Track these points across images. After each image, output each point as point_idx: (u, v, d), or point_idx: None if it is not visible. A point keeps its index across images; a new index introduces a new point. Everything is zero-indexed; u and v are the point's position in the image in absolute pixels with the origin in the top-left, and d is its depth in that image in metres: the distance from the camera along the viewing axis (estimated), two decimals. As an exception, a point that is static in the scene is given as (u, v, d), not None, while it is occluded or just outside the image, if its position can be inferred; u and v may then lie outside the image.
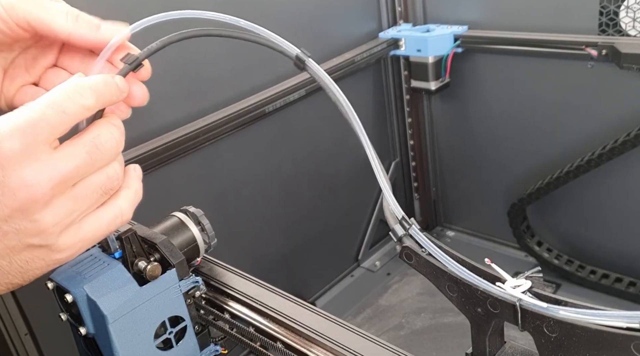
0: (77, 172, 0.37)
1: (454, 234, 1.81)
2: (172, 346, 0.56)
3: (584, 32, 1.28)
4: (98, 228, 0.40)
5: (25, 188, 0.35)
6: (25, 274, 0.38)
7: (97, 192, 0.39)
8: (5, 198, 0.35)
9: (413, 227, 0.44)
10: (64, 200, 0.37)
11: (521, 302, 0.38)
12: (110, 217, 0.40)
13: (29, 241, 0.37)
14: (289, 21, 1.33)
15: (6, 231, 0.36)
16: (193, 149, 1.18)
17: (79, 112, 0.37)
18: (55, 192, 0.36)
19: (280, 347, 0.53)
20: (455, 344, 1.38)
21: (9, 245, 0.36)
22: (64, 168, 0.36)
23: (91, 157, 0.38)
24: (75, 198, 0.38)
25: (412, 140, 1.73)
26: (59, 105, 0.36)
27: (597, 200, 1.44)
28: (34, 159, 0.35)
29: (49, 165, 0.36)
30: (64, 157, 0.37)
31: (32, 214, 0.36)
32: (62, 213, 0.37)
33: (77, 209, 0.38)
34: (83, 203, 0.38)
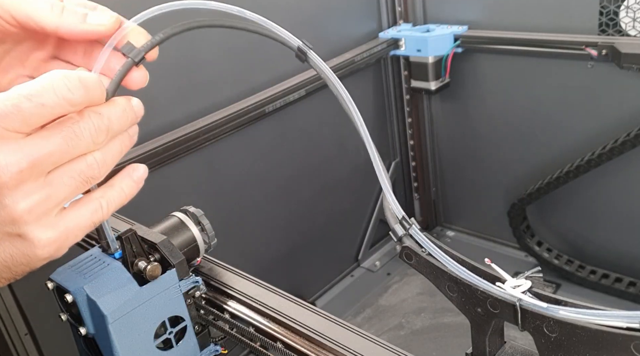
0: (51, 158, 0.36)
1: (454, 234, 1.81)
2: (172, 346, 0.56)
3: (584, 32, 1.28)
4: (77, 221, 0.38)
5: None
6: (13, 269, 0.37)
7: (75, 180, 0.37)
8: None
9: (413, 226, 0.44)
10: (36, 185, 0.36)
11: (521, 302, 0.38)
12: (90, 211, 0.39)
13: (5, 229, 0.36)
14: (288, 21, 1.33)
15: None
16: (193, 149, 1.18)
17: (61, 106, 0.36)
18: (24, 176, 0.35)
19: (280, 347, 0.53)
20: (455, 344, 1.38)
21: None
22: (36, 152, 0.35)
23: (67, 143, 0.36)
24: (49, 185, 0.36)
25: (412, 140, 1.73)
26: (38, 97, 0.35)
27: (597, 200, 1.44)
28: (2, 144, 0.34)
29: (18, 149, 0.35)
30: (37, 142, 0.35)
31: (2, 199, 0.35)
32: (36, 200, 0.36)
33: (53, 197, 0.36)
34: (59, 191, 0.37)
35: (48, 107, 0.35)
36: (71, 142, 0.36)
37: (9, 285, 0.94)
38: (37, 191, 0.36)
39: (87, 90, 0.37)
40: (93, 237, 0.73)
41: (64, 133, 0.36)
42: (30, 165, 0.35)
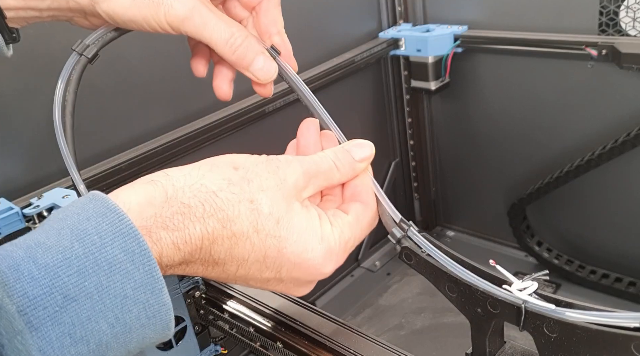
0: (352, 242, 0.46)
1: (454, 234, 1.81)
2: (172, 346, 0.56)
3: (584, 32, 1.28)
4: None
5: (318, 272, 0.44)
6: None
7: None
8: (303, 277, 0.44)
9: (411, 228, 0.44)
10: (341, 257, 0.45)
11: (527, 304, 0.38)
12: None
13: (306, 279, 0.45)
14: (288, 21, 1.33)
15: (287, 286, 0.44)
16: (193, 149, 1.18)
17: (348, 177, 0.47)
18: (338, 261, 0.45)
19: (280, 347, 0.53)
20: (455, 344, 1.38)
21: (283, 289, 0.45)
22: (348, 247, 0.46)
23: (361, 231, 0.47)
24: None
25: (412, 140, 1.72)
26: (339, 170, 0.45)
27: (597, 200, 1.44)
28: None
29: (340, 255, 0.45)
30: (345, 237, 0.45)
31: (316, 279, 0.46)
32: (338, 263, 0.45)
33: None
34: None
35: (342, 174, 0.46)
36: (358, 233, 0.48)
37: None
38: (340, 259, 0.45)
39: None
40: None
41: (360, 224, 0.48)
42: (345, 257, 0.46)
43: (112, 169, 1.02)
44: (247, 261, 0.40)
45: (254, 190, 0.40)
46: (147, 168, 1.09)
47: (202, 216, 0.38)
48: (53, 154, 0.96)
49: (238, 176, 0.40)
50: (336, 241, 0.43)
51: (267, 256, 0.40)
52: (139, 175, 1.19)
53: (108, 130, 1.06)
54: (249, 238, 0.39)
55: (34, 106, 0.95)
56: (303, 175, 0.43)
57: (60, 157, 0.48)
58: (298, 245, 0.41)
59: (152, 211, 0.37)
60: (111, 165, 1.03)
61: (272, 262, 0.41)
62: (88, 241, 0.33)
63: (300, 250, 0.41)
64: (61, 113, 0.47)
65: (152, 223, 0.36)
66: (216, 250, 0.39)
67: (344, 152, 0.46)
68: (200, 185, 0.39)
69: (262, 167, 0.42)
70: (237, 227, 0.39)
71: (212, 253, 0.39)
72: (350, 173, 0.45)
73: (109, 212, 0.34)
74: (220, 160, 0.43)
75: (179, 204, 0.37)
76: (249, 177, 0.41)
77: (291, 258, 0.41)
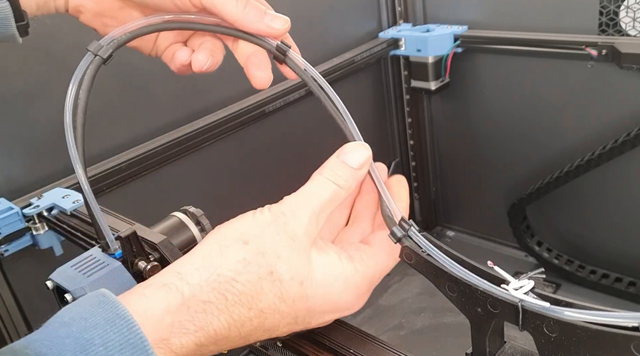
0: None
1: (454, 234, 1.81)
2: (172, 346, 0.56)
3: (584, 32, 1.28)
4: None
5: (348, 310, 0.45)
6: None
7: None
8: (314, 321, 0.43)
9: (412, 228, 0.44)
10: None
11: (523, 303, 0.38)
12: None
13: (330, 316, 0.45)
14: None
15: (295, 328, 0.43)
16: (193, 149, 1.18)
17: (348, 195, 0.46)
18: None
19: (280, 347, 0.53)
20: (455, 344, 1.38)
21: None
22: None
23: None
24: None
25: (412, 140, 1.72)
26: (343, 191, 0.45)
27: (597, 200, 1.44)
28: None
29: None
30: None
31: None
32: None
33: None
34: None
35: (346, 192, 0.46)
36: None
37: (8, 285, 0.94)
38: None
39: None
40: (93, 236, 0.74)
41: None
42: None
43: (112, 169, 1.02)
44: (278, 327, 0.40)
45: (271, 260, 0.38)
46: (146, 169, 1.09)
47: (226, 306, 0.36)
48: (53, 154, 0.96)
49: (252, 252, 0.39)
50: (362, 279, 0.43)
51: (298, 316, 0.40)
52: (139, 175, 1.19)
53: (108, 130, 1.06)
54: (277, 309, 0.39)
55: (34, 106, 0.95)
56: (309, 221, 0.41)
57: (60, 157, 0.48)
58: (325, 298, 0.41)
59: (170, 319, 0.35)
60: (111, 165, 1.03)
61: (302, 319, 0.41)
62: (92, 352, 0.31)
63: (328, 300, 0.41)
64: (72, 112, 0.47)
65: (170, 332, 0.34)
66: (245, 330, 0.38)
67: (341, 165, 0.45)
68: (217, 276, 0.37)
69: (272, 230, 0.40)
70: (263, 303, 0.38)
71: (241, 334, 0.38)
72: (353, 184, 0.44)
73: (118, 319, 0.32)
74: (227, 238, 0.40)
75: (199, 303, 0.36)
76: (262, 249, 0.39)
77: (321, 309, 0.42)
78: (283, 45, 0.51)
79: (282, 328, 0.41)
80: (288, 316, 0.39)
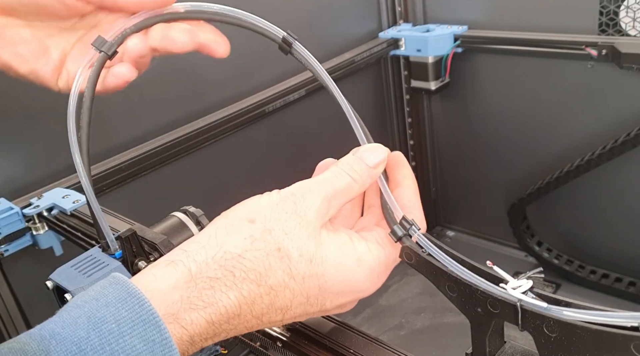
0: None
1: (454, 234, 1.81)
2: (172, 346, 0.56)
3: (584, 32, 1.28)
4: None
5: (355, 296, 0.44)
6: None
7: None
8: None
9: (413, 227, 0.44)
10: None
11: (522, 302, 0.38)
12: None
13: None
14: (288, 21, 1.33)
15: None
16: (193, 149, 1.18)
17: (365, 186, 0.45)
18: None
19: (280, 347, 0.53)
20: (455, 344, 1.37)
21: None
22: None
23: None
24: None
25: (412, 140, 1.73)
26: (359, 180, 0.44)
27: (597, 200, 1.44)
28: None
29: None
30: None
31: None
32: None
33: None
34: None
35: (360, 185, 0.45)
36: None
37: (8, 285, 0.94)
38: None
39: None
40: (93, 236, 0.74)
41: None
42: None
43: (112, 169, 1.02)
44: (291, 307, 0.40)
45: (278, 237, 0.39)
46: (146, 169, 1.09)
47: (234, 283, 0.36)
48: (53, 153, 0.96)
49: (258, 230, 0.39)
50: (375, 259, 0.43)
51: (310, 296, 0.40)
52: (139, 175, 1.19)
53: (108, 130, 1.06)
54: (287, 286, 0.38)
55: (34, 105, 0.95)
56: (322, 203, 0.41)
57: (61, 157, 0.48)
58: (338, 277, 0.40)
59: (178, 294, 0.35)
60: (111, 165, 1.03)
61: (315, 299, 0.40)
62: (105, 330, 0.31)
63: (341, 280, 0.41)
64: (75, 111, 0.47)
65: (179, 308, 0.35)
66: (257, 309, 0.38)
67: (357, 161, 0.44)
68: (224, 253, 0.37)
69: (279, 210, 0.40)
70: (272, 280, 0.38)
71: (253, 313, 0.38)
72: (368, 181, 0.44)
73: (129, 297, 0.33)
74: (234, 217, 0.41)
75: (206, 279, 0.36)
76: (269, 226, 0.39)
77: (334, 290, 0.41)
78: (289, 37, 0.50)
79: (295, 309, 0.40)
80: (299, 295, 0.39)
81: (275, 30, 0.51)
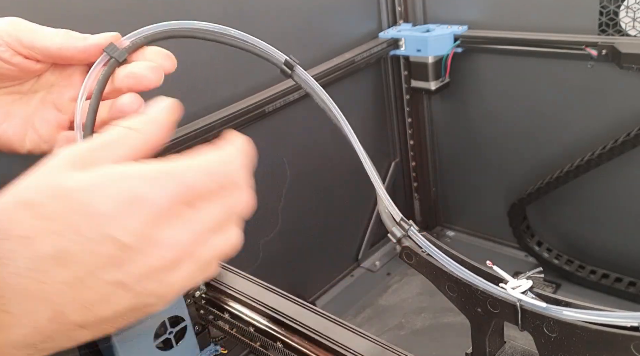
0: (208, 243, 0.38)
1: (454, 234, 1.81)
2: (172, 346, 0.56)
3: (584, 32, 1.28)
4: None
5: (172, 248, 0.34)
6: (132, 316, 0.34)
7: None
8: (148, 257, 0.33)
9: (412, 228, 0.44)
10: (191, 265, 0.36)
11: (521, 302, 0.38)
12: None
13: (147, 301, 0.34)
14: (288, 21, 1.33)
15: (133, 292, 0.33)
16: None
17: (227, 188, 0.40)
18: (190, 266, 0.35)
19: (280, 347, 0.53)
20: (455, 344, 1.38)
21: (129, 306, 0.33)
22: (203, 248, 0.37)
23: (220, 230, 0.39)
24: (201, 261, 0.37)
25: (412, 140, 1.73)
26: (215, 176, 0.38)
27: (597, 200, 1.44)
28: (174, 225, 0.34)
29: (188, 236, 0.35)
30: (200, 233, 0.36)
31: (162, 279, 0.34)
32: (189, 276, 0.36)
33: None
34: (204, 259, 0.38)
35: (218, 185, 0.39)
36: (224, 229, 0.40)
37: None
38: (190, 270, 0.36)
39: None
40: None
41: (223, 212, 0.39)
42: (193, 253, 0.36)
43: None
44: (73, 253, 0.31)
45: (13, 190, 0.34)
46: (147, 168, 1.09)
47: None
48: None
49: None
50: (121, 173, 0.34)
51: (75, 227, 0.31)
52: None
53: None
54: (41, 228, 0.31)
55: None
56: (74, 151, 0.35)
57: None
58: (81, 199, 0.32)
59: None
60: (111, 165, 1.02)
61: (89, 231, 0.31)
62: None
63: (85, 201, 0.32)
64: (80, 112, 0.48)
65: None
66: (25, 272, 0.30)
67: (136, 116, 0.40)
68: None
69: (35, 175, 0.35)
70: (18, 229, 0.31)
71: (32, 279, 0.30)
72: (151, 127, 0.40)
73: None
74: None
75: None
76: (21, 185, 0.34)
77: (86, 212, 0.32)
78: (291, 61, 0.52)
79: (83, 256, 0.31)
80: (61, 230, 0.31)
81: (277, 54, 0.52)
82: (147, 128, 0.39)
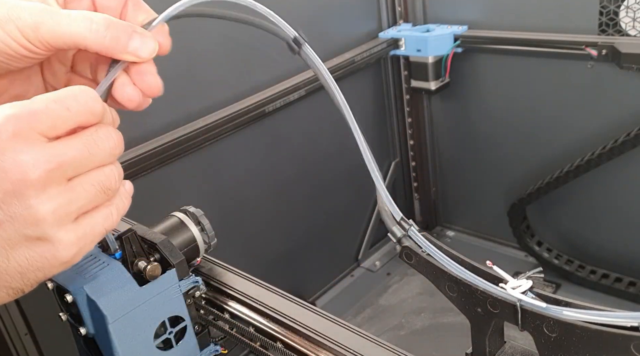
0: (74, 162, 0.36)
1: (454, 234, 1.81)
2: (172, 346, 0.56)
3: (584, 32, 1.28)
4: (93, 227, 0.38)
5: (18, 169, 0.34)
6: (25, 276, 0.37)
7: (95, 188, 0.38)
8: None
9: (412, 228, 0.44)
10: (60, 189, 0.36)
11: (521, 302, 0.38)
12: (103, 217, 0.39)
13: (25, 232, 0.35)
14: (288, 21, 1.33)
15: (0, 220, 0.34)
16: (193, 149, 1.18)
17: (83, 114, 0.37)
18: (51, 178, 0.35)
19: (280, 347, 0.53)
20: (455, 344, 1.37)
21: (5, 236, 0.35)
22: (61, 155, 0.35)
23: (89, 150, 0.37)
24: (71, 190, 0.36)
25: (412, 140, 1.73)
26: (63, 102, 0.36)
27: (597, 200, 1.44)
28: (29, 144, 0.34)
29: (45, 150, 0.35)
30: (61, 147, 0.36)
31: (27, 199, 0.34)
32: (59, 202, 0.36)
33: (74, 202, 0.37)
34: (79, 197, 0.37)
35: (73, 112, 0.36)
36: (92, 150, 0.37)
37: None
38: (61, 194, 0.36)
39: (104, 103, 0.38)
40: (93, 237, 0.73)
41: (85, 141, 0.37)
42: (57, 166, 0.35)
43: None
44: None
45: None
46: (147, 169, 1.09)
47: None
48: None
49: None
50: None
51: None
52: (139, 175, 1.19)
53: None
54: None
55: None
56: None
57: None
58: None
59: None
60: (111, 165, 1.02)
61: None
62: None
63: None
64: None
65: None
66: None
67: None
68: None
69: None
70: None
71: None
72: (86, 108, 0.37)
73: None
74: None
75: None
76: None
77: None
78: (300, 38, 0.50)
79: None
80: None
81: (287, 29, 0.50)
82: (81, 110, 0.37)
